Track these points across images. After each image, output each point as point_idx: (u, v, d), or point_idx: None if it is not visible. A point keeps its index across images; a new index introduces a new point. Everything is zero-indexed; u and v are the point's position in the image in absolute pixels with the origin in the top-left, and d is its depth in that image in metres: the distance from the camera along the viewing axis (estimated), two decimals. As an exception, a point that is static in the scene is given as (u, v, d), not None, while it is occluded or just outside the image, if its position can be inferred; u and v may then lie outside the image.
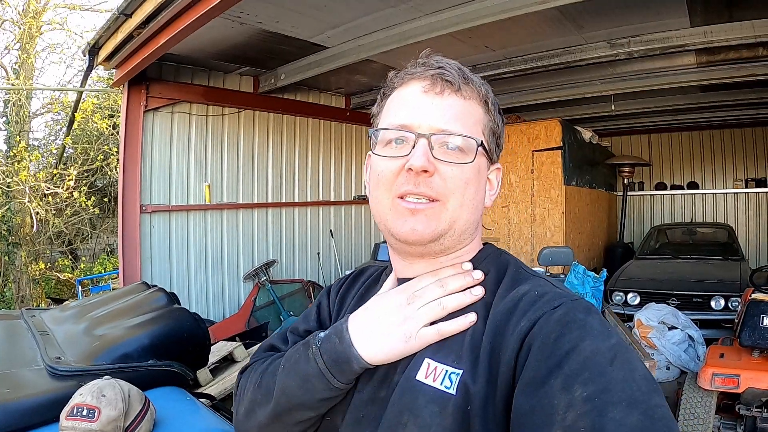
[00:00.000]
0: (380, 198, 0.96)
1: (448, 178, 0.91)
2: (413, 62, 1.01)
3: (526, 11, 4.57)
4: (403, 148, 0.93)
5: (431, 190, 0.90)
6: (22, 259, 11.37)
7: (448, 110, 0.93)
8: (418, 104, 0.94)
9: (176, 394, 2.27)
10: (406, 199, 0.91)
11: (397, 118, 0.95)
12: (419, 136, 0.91)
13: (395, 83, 1.01)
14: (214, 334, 6.26)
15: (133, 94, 6.22)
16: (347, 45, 5.94)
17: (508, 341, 0.84)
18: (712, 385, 3.67)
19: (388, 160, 0.94)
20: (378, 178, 0.96)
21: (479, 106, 0.98)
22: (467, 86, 0.96)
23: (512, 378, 0.81)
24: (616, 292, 6.66)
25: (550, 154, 7.75)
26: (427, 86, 0.95)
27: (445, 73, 0.95)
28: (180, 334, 2.49)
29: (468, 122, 0.95)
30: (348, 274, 1.26)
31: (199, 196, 6.92)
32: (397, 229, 0.93)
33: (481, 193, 0.98)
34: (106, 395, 1.78)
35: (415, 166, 0.89)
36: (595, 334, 0.79)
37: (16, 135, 11.74)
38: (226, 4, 4.04)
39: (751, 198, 10.91)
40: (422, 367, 0.90)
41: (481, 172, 0.97)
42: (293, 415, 1.00)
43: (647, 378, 0.74)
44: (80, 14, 31.09)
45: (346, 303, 1.16)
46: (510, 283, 0.94)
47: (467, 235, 0.98)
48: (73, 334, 2.57)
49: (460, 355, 0.88)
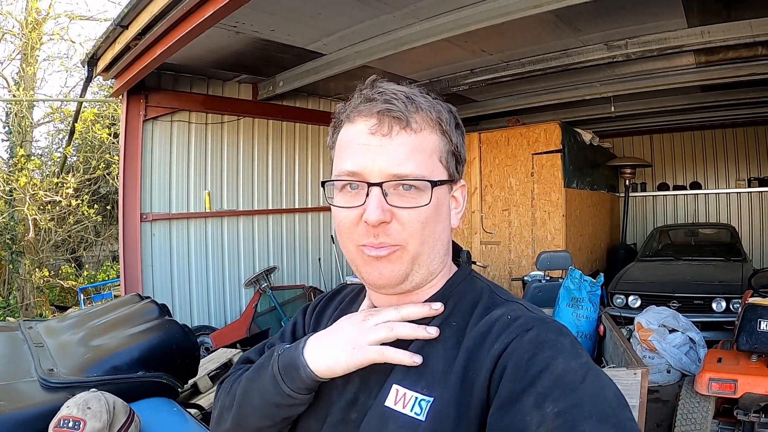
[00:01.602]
0: (346, 245, 0.96)
1: (405, 222, 0.90)
2: (359, 91, 0.98)
3: (521, 15, 4.57)
4: (357, 195, 0.91)
5: (390, 238, 0.90)
6: (26, 267, 11.42)
7: (398, 150, 0.90)
8: (366, 148, 0.91)
9: (164, 406, 2.29)
10: (368, 247, 0.92)
11: (347, 164, 0.93)
12: (371, 186, 0.89)
13: (342, 119, 0.99)
14: (215, 341, 6.31)
15: (132, 103, 6.25)
16: (344, 52, 5.96)
17: (482, 363, 0.85)
18: (709, 390, 3.64)
19: (345, 211, 0.93)
20: (340, 228, 0.96)
21: (433, 134, 0.94)
22: (417, 115, 0.93)
23: (486, 399, 0.83)
24: (617, 295, 6.63)
25: (550, 157, 7.73)
26: (374, 126, 0.91)
27: (391, 108, 0.91)
28: (169, 346, 2.51)
29: (421, 158, 0.92)
30: (324, 294, 1.27)
31: (199, 204, 6.94)
32: (366, 276, 0.95)
33: (443, 222, 0.97)
34: (91, 407, 1.81)
35: (370, 221, 0.88)
36: (566, 354, 0.81)
37: (18, 145, 11.81)
38: (220, 14, 4.07)
39: (754, 197, 10.86)
40: (390, 393, 0.91)
41: (440, 204, 0.95)
42: (250, 421, 1.02)
43: (617, 394, 0.76)
44: (80, 24, 31.30)
45: (322, 323, 1.17)
46: (483, 310, 0.95)
47: (435, 265, 0.98)
48: (67, 346, 2.61)
49: (431, 383, 0.88)
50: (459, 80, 7.00)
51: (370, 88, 0.96)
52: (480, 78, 6.79)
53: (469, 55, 6.25)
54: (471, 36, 5.29)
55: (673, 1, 4.75)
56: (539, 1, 4.38)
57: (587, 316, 4.60)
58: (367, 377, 0.96)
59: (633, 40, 5.60)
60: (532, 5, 4.43)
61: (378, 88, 0.94)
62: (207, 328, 6.72)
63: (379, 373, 0.95)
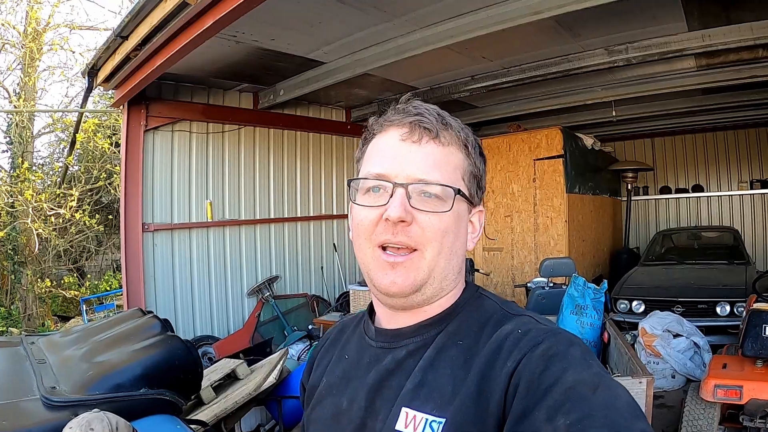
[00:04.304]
0: (362, 247, 0.97)
1: (426, 227, 0.92)
2: (393, 107, 1.01)
3: (521, 22, 4.58)
4: (381, 197, 0.94)
5: (409, 239, 0.91)
6: (28, 278, 11.41)
7: (426, 158, 0.93)
8: (395, 153, 0.95)
9: (168, 423, 2.27)
10: (387, 251, 0.93)
11: (375, 167, 0.96)
12: (396, 186, 0.92)
13: (375, 130, 1.01)
14: (218, 351, 6.30)
15: (133, 114, 6.27)
16: (344, 60, 5.97)
17: (496, 382, 0.85)
18: (714, 396, 3.62)
19: (367, 210, 0.95)
20: (358, 227, 0.97)
21: (459, 152, 0.98)
22: (446, 132, 0.96)
23: (502, 418, 0.82)
24: (620, 300, 6.61)
25: (552, 163, 7.71)
26: (405, 134, 0.95)
27: (423, 120, 0.95)
28: (172, 362, 2.50)
29: (446, 169, 0.95)
30: (329, 333, 1.27)
31: (201, 214, 6.95)
32: (379, 281, 0.95)
33: (461, 239, 0.99)
34: (94, 428, 1.78)
35: (392, 217, 0.90)
36: (577, 365, 0.81)
37: (19, 156, 11.82)
38: (220, 24, 4.07)
39: (756, 199, 10.83)
40: (401, 416, 0.90)
41: (460, 219, 0.97)
42: None
43: (630, 404, 0.75)
44: (80, 34, 31.38)
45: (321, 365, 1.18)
46: (493, 327, 0.94)
47: (448, 281, 0.98)
48: (69, 362, 2.59)
49: (441, 404, 0.88)
50: (460, 87, 7.01)
51: (405, 104, 1.00)
52: (481, 84, 6.79)
53: (469, 62, 6.25)
54: (471, 43, 5.29)
55: (673, 5, 4.75)
56: (539, 8, 4.38)
57: (591, 323, 4.58)
58: (372, 400, 0.95)
59: (633, 44, 5.60)
60: (532, 12, 4.44)
61: (412, 103, 0.99)
62: (210, 338, 6.72)
63: (383, 395, 0.94)
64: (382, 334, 1.03)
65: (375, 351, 1.02)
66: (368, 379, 0.99)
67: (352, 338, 1.12)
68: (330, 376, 1.10)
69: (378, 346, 1.02)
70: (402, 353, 0.97)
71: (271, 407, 4.29)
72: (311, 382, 1.17)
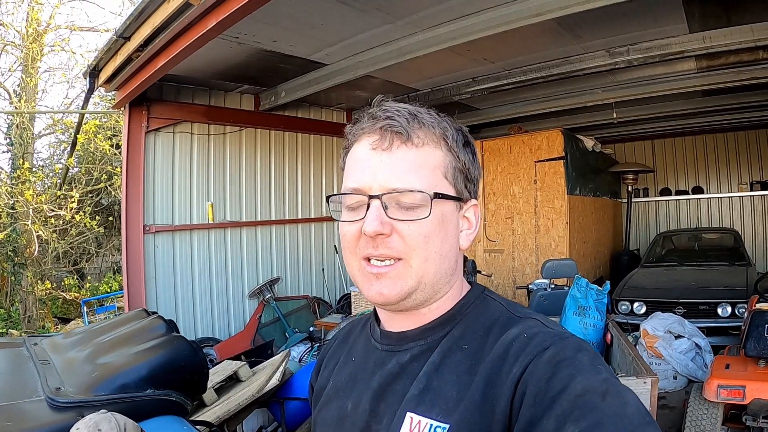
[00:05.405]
0: (349, 260, 0.97)
1: (406, 236, 0.90)
2: (365, 110, 0.99)
3: (523, 24, 4.57)
4: (359, 210, 0.92)
5: (391, 251, 0.90)
6: (29, 280, 11.40)
7: (398, 165, 0.91)
8: (367, 164, 0.93)
9: (174, 424, 2.26)
10: (371, 262, 0.92)
11: (350, 181, 0.95)
12: (371, 198, 0.90)
13: (350, 139, 1.00)
14: (219, 353, 6.28)
15: (135, 115, 6.26)
16: (346, 62, 5.96)
17: (501, 390, 0.83)
18: (717, 397, 3.62)
19: (348, 225, 0.94)
20: (344, 244, 0.97)
21: (436, 149, 0.95)
22: (420, 131, 0.93)
23: (508, 425, 0.81)
24: (621, 302, 6.61)
25: (553, 164, 7.72)
26: (376, 142, 0.93)
27: (392, 124, 0.92)
28: (178, 363, 2.49)
29: (422, 172, 0.92)
30: (336, 335, 1.27)
31: (202, 216, 6.94)
32: (366, 292, 0.95)
33: (449, 240, 0.96)
34: (102, 429, 1.78)
35: (368, 232, 0.89)
36: (585, 371, 0.79)
37: (20, 157, 11.81)
38: (222, 26, 4.07)
39: (756, 201, 10.84)
40: (405, 421, 0.89)
41: (445, 220, 0.94)
42: None
43: (640, 410, 0.74)
44: (81, 35, 31.35)
45: (329, 366, 1.18)
46: (499, 331, 0.93)
47: (441, 284, 0.97)
48: (73, 363, 2.57)
49: (446, 410, 0.87)
50: (461, 89, 7.01)
51: (377, 108, 0.97)
52: (482, 86, 6.79)
53: (471, 64, 6.26)
54: (473, 45, 5.29)
55: (674, 7, 4.75)
56: (541, 10, 4.38)
57: (594, 324, 4.58)
58: (376, 404, 0.95)
59: (635, 46, 5.60)
60: (533, 14, 4.44)
61: (382, 107, 0.96)
62: (211, 340, 6.71)
63: (387, 400, 0.94)
64: (387, 337, 1.03)
65: (380, 354, 1.02)
66: (373, 382, 0.98)
67: (359, 340, 1.12)
68: (337, 378, 1.10)
69: (383, 349, 1.02)
70: (406, 357, 0.97)
71: (274, 409, 4.29)
72: (319, 383, 1.17)
